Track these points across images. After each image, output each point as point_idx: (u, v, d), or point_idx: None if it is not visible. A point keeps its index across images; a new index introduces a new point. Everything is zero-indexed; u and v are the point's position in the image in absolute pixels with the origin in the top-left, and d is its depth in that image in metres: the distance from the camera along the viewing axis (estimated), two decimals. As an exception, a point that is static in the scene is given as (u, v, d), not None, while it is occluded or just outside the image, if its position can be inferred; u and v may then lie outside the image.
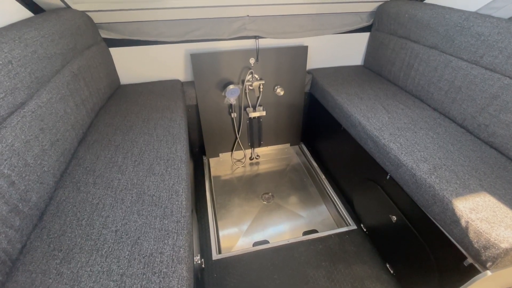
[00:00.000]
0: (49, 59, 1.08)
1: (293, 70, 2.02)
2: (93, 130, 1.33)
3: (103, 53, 1.62)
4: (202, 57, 1.80)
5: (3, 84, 0.82)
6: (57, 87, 1.10)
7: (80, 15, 1.44)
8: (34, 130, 0.91)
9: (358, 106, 1.61)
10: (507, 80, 1.18)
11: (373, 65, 2.09)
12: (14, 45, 0.91)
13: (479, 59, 1.29)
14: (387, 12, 1.86)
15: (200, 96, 1.94)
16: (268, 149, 2.42)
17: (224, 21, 1.77)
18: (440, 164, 1.15)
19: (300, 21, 1.90)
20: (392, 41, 1.83)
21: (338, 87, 1.85)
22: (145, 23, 1.69)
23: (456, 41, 1.38)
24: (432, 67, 1.53)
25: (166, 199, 0.97)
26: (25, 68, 0.93)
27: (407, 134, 1.35)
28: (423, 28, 1.57)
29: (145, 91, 1.75)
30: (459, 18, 1.37)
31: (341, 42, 2.10)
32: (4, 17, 1.08)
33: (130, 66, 1.83)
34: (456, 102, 1.42)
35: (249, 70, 1.92)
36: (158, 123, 1.41)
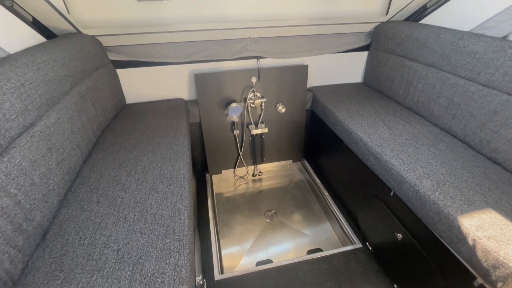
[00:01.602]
0: (59, 81, 1.13)
1: (294, 88, 2.07)
2: (98, 148, 1.36)
3: (110, 74, 1.69)
4: (206, 77, 1.86)
5: (15, 106, 0.85)
6: (65, 108, 1.14)
7: (90, 40, 1.51)
8: (41, 150, 0.93)
9: (359, 122, 1.62)
10: (505, 97, 1.20)
11: (372, 82, 2.13)
12: (27, 69, 0.96)
13: (476, 77, 1.31)
14: (384, 32, 1.93)
15: (204, 114, 1.98)
16: (271, 165, 2.42)
17: (227, 42, 1.84)
18: (443, 181, 1.14)
19: (300, 42, 1.97)
20: (390, 60, 1.88)
21: (339, 104, 1.88)
22: (151, 46, 1.76)
23: (453, 60, 1.41)
24: (430, 84, 1.56)
25: (169, 217, 0.97)
26: (36, 91, 0.97)
27: (408, 150, 1.35)
28: (420, 47, 1.62)
29: (149, 110, 1.80)
30: (454, 37, 1.42)
31: (340, 60, 2.16)
32: (19, 43, 1.14)
33: (136, 86, 1.89)
34: (456, 118, 1.43)
35: (251, 88, 1.96)
36: (162, 141, 1.43)
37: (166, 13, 1.71)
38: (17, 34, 1.16)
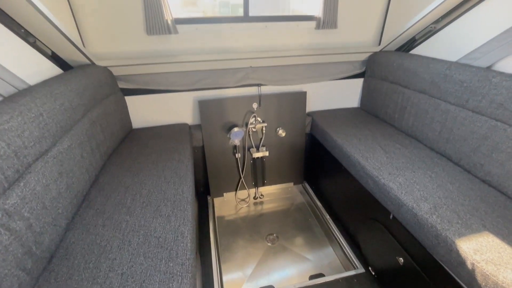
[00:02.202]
0: (73, 110, 1.21)
1: (294, 113, 2.16)
2: (105, 172, 1.41)
3: (119, 101, 1.78)
4: (209, 103, 1.95)
5: (33, 134, 0.92)
6: (77, 134, 1.21)
7: (102, 70, 1.63)
8: (53, 175, 0.99)
9: (357, 146, 1.68)
10: (493, 122, 1.26)
11: (369, 107, 2.22)
12: (46, 100, 1.04)
13: (465, 103, 1.39)
14: (377, 61, 2.05)
15: (207, 138, 2.05)
16: (272, 188, 2.44)
17: (229, 71, 1.96)
18: (440, 204, 1.17)
19: (298, 70, 2.09)
20: (384, 86, 1.98)
21: (337, 128, 1.95)
22: (158, 75, 1.88)
23: (442, 87, 1.50)
24: (423, 109, 1.64)
25: (172, 240, 0.99)
26: (53, 119, 1.04)
27: (405, 173, 1.39)
28: (411, 76, 1.71)
29: (155, 134, 1.87)
30: (442, 67, 1.51)
31: (337, 87, 2.27)
32: (39, 75, 1.24)
33: (143, 112, 1.98)
34: (450, 142, 1.49)
35: (252, 114, 2.05)
36: (166, 165, 1.48)
37: (173, 46, 1.85)
38: (37, 67, 1.26)
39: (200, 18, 1.87)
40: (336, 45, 2.10)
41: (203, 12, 5.10)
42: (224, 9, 4.72)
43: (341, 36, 2.08)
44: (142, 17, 1.71)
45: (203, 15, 4.84)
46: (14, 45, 1.14)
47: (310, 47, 2.06)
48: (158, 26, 1.70)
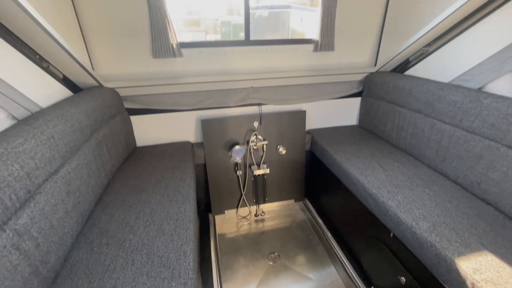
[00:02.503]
0: (82, 131, 1.26)
1: (294, 131, 2.21)
2: (109, 190, 1.44)
3: (125, 121, 1.84)
4: (211, 122, 2.01)
5: (45, 155, 0.96)
6: (84, 154, 1.25)
7: (109, 92, 1.70)
8: (61, 194, 1.02)
9: (356, 164, 1.71)
10: (487, 142, 1.30)
11: (367, 125, 2.28)
12: (57, 122, 1.09)
13: (459, 123, 1.44)
14: (374, 81, 2.12)
15: (209, 156, 2.09)
16: (273, 205, 2.45)
17: (231, 92, 2.03)
18: (439, 222, 1.18)
19: (298, 90, 2.17)
20: (381, 105, 2.04)
21: (336, 146, 1.99)
22: (163, 95, 1.95)
23: (436, 107, 1.56)
24: (419, 128, 1.69)
25: (175, 260, 1.01)
26: (63, 141, 1.09)
27: (404, 191, 1.41)
28: (407, 96, 1.78)
29: (158, 152, 1.91)
30: (435, 88, 1.58)
31: (336, 105, 2.34)
32: (51, 97, 1.31)
33: (147, 131, 2.04)
34: (446, 160, 1.52)
35: (254, 132, 2.10)
36: (169, 183, 1.51)
37: (177, 68, 1.93)
38: (49, 90, 1.33)
39: (203, 42, 1.97)
40: (333, 66, 2.19)
41: (205, 31, 5.29)
42: (225, 28, 4.90)
43: (338, 57, 2.17)
44: (149, 41, 1.81)
45: (205, 34, 5.02)
46: (29, 70, 1.21)
47: (308, 68, 2.15)
48: (163, 49, 1.80)
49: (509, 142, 1.21)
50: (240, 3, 1.90)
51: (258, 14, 4.20)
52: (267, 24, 4.22)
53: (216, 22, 4.93)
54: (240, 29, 2.06)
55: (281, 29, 4.29)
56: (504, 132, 1.22)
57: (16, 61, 1.14)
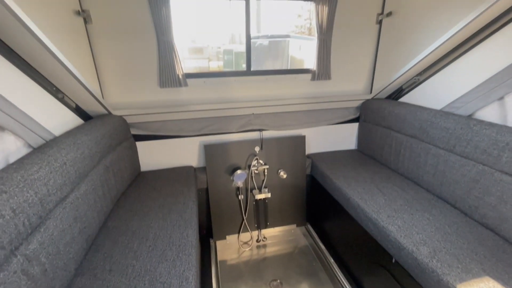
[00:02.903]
0: (91, 157, 1.32)
1: (294, 156, 2.26)
2: (113, 216, 1.46)
3: (131, 147, 1.91)
4: (214, 147, 2.08)
5: (57, 182, 1.01)
6: (92, 180, 1.30)
7: (118, 119, 1.79)
8: (69, 220, 1.05)
9: (355, 188, 1.74)
10: (480, 167, 1.34)
11: (366, 149, 2.33)
12: (69, 149, 1.15)
13: (452, 148, 1.49)
14: (370, 108, 2.22)
15: (211, 181, 2.12)
16: (275, 230, 2.43)
17: (233, 118, 2.12)
18: (439, 247, 1.19)
19: (297, 116, 2.25)
20: (378, 131, 2.11)
21: (336, 170, 2.03)
22: (168, 122, 2.04)
23: (430, 133, 1.62)
24: (416, 153, 1.74)
25: (177, 286, 1.01)
26: (73, 167, 1.15)
27: (404, 216, 1.43)
28: (401, 122, 1.85)
29: (162, 177, 1.96)
30: (428, 115, 1.65)
31: (334, 130, 2.41)
32: (63, 126, 1.39)
33: (151, 156, 2.10)
34: (444, 184, 1.55)
35: (255, 156, 2.16)
36: (172, 208, 1.54)
37: (182, 96, 2.04)
38: (62, 118, 1.41)
39: (207, 73, 2.10)
40: (331, 94, 2.30)
41: (208, 59, 5.54)
42: (228, 56, 5.15)
43: (335, 86, 2.29)
44: (157, 72, 1.93)
45: (208, 61, 5.25)
46: (46, 101, 1.30)
47: (307, 96, 2.26)
48: (170, 80, 1.91)
49: (502, 167, 1.26)
50: (241, 33, 2.06)
51: (259, 43, 4.46)
52: (267, 52, 4.45)
53: (219, 50, 5.21)
54: (242, 56, 2.19)
55: (281, 57, 4.52)
56: (496, 157, 1.27)
57: (35, 93, 1.23)
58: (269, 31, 4.40)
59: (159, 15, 1.74)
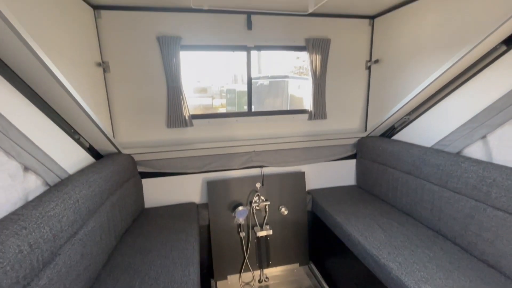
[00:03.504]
0: (100, 195, 1.40)
1: (294, 192, 2.31)
2: (116, 253, 1.48)
3: (137, 184, 1.99)
4: (216, 183, 2.14)
5: (69, 218, 1.08)
6: (100, 216, 1.36)
7: (127, 157, 1.89)
8: (77, 256, 1.09)
9: (356, 225, 1.76)
10: (473, 202, 1.39)
11: (364, 185, 2.38)
12: (82, 187, 1.24)
13: (445, 184, 1.55)
14: (365, 145, 2.32)
15: (213, 217, 2.15)
16: (277, 270, 2.37)
17: (235, 156, 2.23)
18: (441, 285, 1.19)
19: (296, 153, 2.36)
20: (375, 167, 2.19)
21: (336, 206, 2.06)
22: (173, 159, 2.14)
23: (423, 169, 1.69)
24: (412, 189, 1.79)
25: (177, 327, 1.01)
26: (85, 204, 1.22)
27: (404, 252, 1.43)
28: (396, 158, 1.94)
29: (165, 213, 1.99)
30: (419, 152, 1.75)
31: (333, 167, 2.49)
32: (77, 164, 1.49)
33: (155, 193, 2.16)
34: (442, 220, 1.58)
35: (256, 193, 2.21)
36: (175, 244, 1.56)
37: (188, 135, 2.18)
38: (76, 157, 1.52)
39: (211, 114, 2.26)
40: (327, 132, 2.43)
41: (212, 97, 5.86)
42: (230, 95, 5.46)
43: (331, 124, 2.43)
44: (165, 114, 2.09)
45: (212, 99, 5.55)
46: (64, 142, 1.42)
47: (305, 134, 2.39)
48: (177, 121, 2.06)
49: (493, 203, 1.30)
50: (243, 73, 2.26)
51: (260, 83, 4.78)
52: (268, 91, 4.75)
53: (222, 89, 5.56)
54: (244, 95, 2.36)
55: (281, 95, 4.80)
56: (486, 193, 1.33)
57: (56, 135, 1.35)
58: (269, 72, 4.75)
59: (170, 65, 1.95)
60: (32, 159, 1.08)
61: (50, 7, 1.29)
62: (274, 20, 2.09)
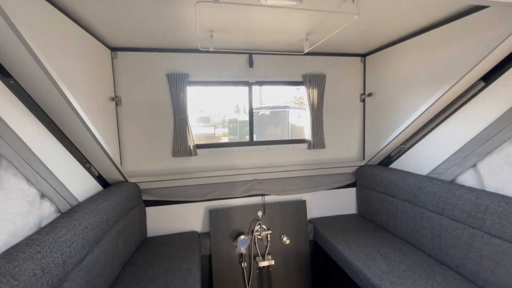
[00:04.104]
0: (107, 222, 1.44)
1: (296, 220, 2.32)
2: (118, 282, 1.48)
3: (141, 212, 2.02)
4: (218, 212, 2.18)
5: (78, 244, 1.12)
6: (105, 244, 1.39)
7: (132, 186, 1.96)
8: (82, 284, 1.11)
9: (358, 254, 1.76)
10: (470, 230, 1.42)
11: (365, 213, 2.39)
12: (91, 215, 1.29)
13: (442, 211, 1.59)
14: (364, 173, 2.39)
15: (214, 247, 2.14)
16: (280, 303, 2.29)
17: (237, 184, 2.29)
18: None
19: (297, 181, 2.41)
20: (374, 195, 2.23)
21: (337, 235, 2.06)
22: (176, 188, 2.20)
23: (420, 197, 1.74)
24: (411, 217, 1.82)
25: None
26: (93, 231, 1.26)
27: (407, 282, 1.43)
28: (393, 186, 1.99)
29: (167, 243, 2.00)
30: (415, 180, 1.81)
31: (334, 195, 2.53)
32: (86, 192, 1.56)
33: (158, 221, 2.18)
34: (442, 248, 1.59)
35: (258, 221, 2.23)
36: (176, 274, 1.56)
37: (192, 164, 2.26)
38: (86, 186, 1.59)
39: (215, 144, 2.37)
40: (327, 161, 2.51)
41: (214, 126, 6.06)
42: (232, 124, 5.65)
43: (330, 153, 2.52)
44: (171, 144, 2.20)
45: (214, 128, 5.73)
46: (77, 171, 1.51)
47: (305, 163, 2.46)
48: (182, 150, 2.17)
49: (489, 230, 1.33)
50: (245, 104, 2.40)
51: (262, 113, 4.98)
52: (269, 120, 4.93)
53: (224, 119, 5.77)
54: (246, 124, 2.48)
55: (282, 125, 4.97)
56: (481, 220, 1.36)
57: (70, 164, 1.44)
58: (270, 103, 4.97)
59: (178, 99, 2.11)
60: (49, 187, 1.16)
61: (75, 48, 1.47)
62: (273, 58, 2.29)
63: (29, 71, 1.05)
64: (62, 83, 1.16)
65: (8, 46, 0.97)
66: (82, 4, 1.30)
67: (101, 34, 1.73)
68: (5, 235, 0.91)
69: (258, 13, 1.48)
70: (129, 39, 1.86)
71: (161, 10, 1.40)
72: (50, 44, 1.22)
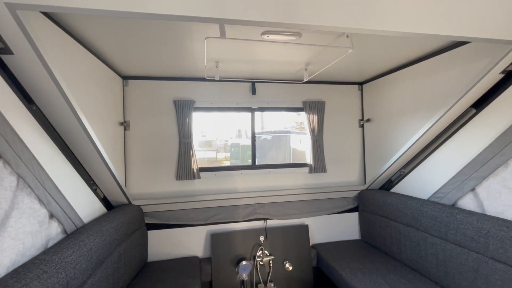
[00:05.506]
0: (110, 244, 1.45)
1: (298, 245, 2.29)
2: (117, 309, 1.45)
3: (143, 236, 2.02)
4: (220, 236, 2.16)
5: (82, 266, 1.13)
6: (107, 267, 1.39)
7: (136, 209, 1.98)
8: (83, 307, 1.10)
9: (362, 281, 1.72)
10: (475, 255, 1.41)
11: (369, 239, 2.36)
12: (96, 236, 1.31)
13: (445, 236, 1.58)
14: (366, 198, 2.39)
15: (215, 273, 2.09)
16: (282, 336, 2.18)
17: (239, 207, 2.29)
18: None
19: (298, 205, 2.42)
20: (377, 220, 2.22)
21: (341, 261, 2.02)
22: (179, 211, 2.21)
23: (422, 222, 1.74)
24: (415, 242, 1.80)
25: None
26: (96, 252, 1.27)
27: (414, 311, 1.38)
28: (395, 211, 1.99)
29: (167, 268, 1.96)
30: (416, 204, 1.82)
31: (336, 220, 2.51)
32: (91, 214, 1.58)
33: (160, 245, 2.16)
34: (448, 275, 1.55)
35: (260, 246, 2.20)
36: (176, 301, 1.52)
37: (195, 187, 2.29)
38: (92, 207, 1.62)
39: (218, 167, 2.42)
40: (328, 185, 2.53)
41: (216, 151, 6.13)
42: (234, 148, 5.73)
43: (331, 177, 2.55)
44: (175, 167, 2.25)
45: (216, 152, 5.80)
46: (83, 192, 1.55)
47: (307, 187, 2.48)
48: (186, 173, 2.21)
49: (493, 255, 1.33)
50: (247, 129, 2.48)
51: (263, 137, 5.07)
52: (271, 145, 5.00)
53: (227, 143, 5.85)
54: (248, 149, 2.53)
55: (283, 149, 5.03)
56: (484, 245, 1.36)
57: (79, 186, 1.49)
58: (272, 128, 5.09)
59: (183, 124, 2.20)
60: (58, 207, 1.20)
61: (91, 77, 1.58)
62: (275, 86, 2.42)
63: (51, 99, 1.15)
64: (80, 110, 1.25)
65: (35, 76, 1.07)
66: (100, 38, 1.44)
67: (115, 64, 1.86)
68: (15, 254, 0.93)
69: (261, 47, 1.61)
70: (140, 69, 2.00)
71: (172, 45, 1.53)
72: (71, 74, 1.34)
